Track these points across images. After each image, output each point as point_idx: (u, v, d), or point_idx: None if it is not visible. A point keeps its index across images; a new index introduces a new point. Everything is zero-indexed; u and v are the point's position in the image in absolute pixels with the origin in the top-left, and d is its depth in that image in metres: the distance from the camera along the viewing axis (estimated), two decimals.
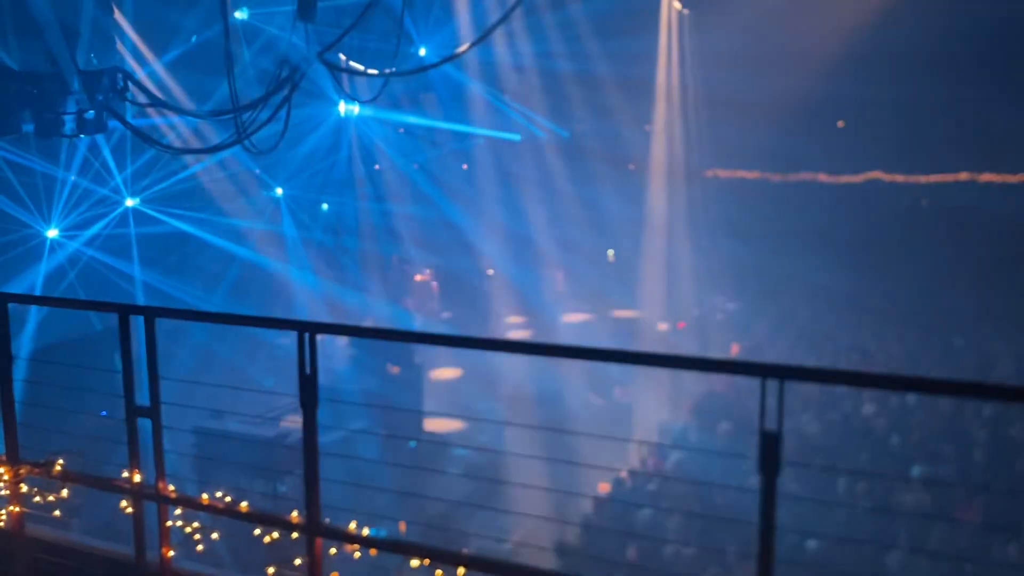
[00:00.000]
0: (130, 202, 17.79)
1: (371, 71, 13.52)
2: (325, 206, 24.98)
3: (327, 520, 4.99)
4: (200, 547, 5.74)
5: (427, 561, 4.82)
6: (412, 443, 15.42)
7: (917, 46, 22.34)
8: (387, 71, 12.56)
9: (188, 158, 17.45)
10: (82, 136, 12.54)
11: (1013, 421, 13.68)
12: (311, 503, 4.88)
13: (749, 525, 4.03)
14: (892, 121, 24.49)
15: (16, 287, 15.40)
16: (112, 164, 17.03)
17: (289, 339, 4.77)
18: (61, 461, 5.91)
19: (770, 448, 3.85)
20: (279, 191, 22.73)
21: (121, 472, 5.57)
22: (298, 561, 5.16)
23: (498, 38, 22.79)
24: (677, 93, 26.52)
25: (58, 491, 6.06)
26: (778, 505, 3.87)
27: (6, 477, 5.92)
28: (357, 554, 5.09)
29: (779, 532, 3.90)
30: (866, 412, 15.01)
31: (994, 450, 12.87)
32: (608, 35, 24.25)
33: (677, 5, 25.66)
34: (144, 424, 5.39)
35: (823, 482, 11.45)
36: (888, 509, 10.78)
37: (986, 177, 24.88)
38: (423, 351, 18.65)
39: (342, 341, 18.66)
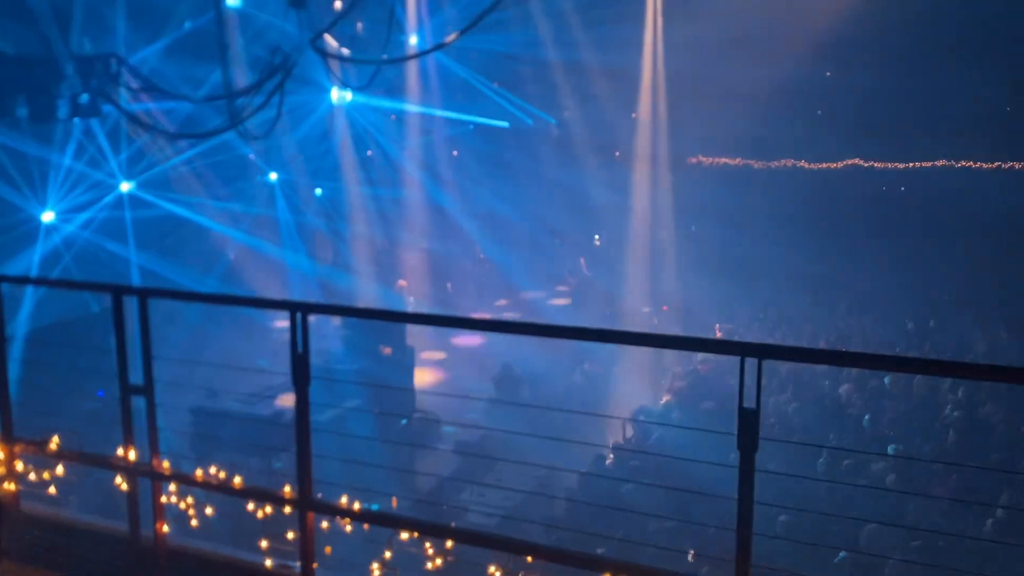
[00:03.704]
0: (125, 186, 17.82)
1: (362, 59, 13.57)
2: (319, 191, 25.04)
3: (319, 495, 5.09)
4: (194, 522, 5.83)
5: (416, 534, 4.92)
6: (404, 421, 15.56)
7: (894, 33, 22.51)
8: (378, 58, 12.62)
9: (182, 143, 17.48)
10: (76, 120, 12.58)
11: (985, 401, 13.90)
12: (303, 479, 4.98)
13: (729, 500, 4.14)
14: (871, 108, 24.68)
15: (11, 269, 15.43)
16: (107, 148, 17.06)
17: (283, 321, 4.86)
18: (56, 439, 5.97)
19: (749, 425, 3.94)
20: (273, 176, 22.78)
21: (116, 450, 5.64)
22: (291, 535, 5.25)
23: (488, 26, 22.82)
24: (662, 81, 26.64)
25: (53, 469, 6.11)
26: (756, 480, 3.98)
27: (1, 455, 5.98)
28: (349, 528, 5.19)
29: (757, 506, 4.01)
30: (842, 391, 15.24)
31: (967, 429, 13.08)
32: (594, 23, 24.34)
33: None
34: (139, 403, 5.46)
35: (800, 458, 11.64)
36: (863, 485, 10.96)
37: (963, 164, 25.07)
38: (414, 333, 18.78)
39: (335, 323, 18.78)
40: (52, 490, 6.15)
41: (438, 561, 4.90)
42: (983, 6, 22.14)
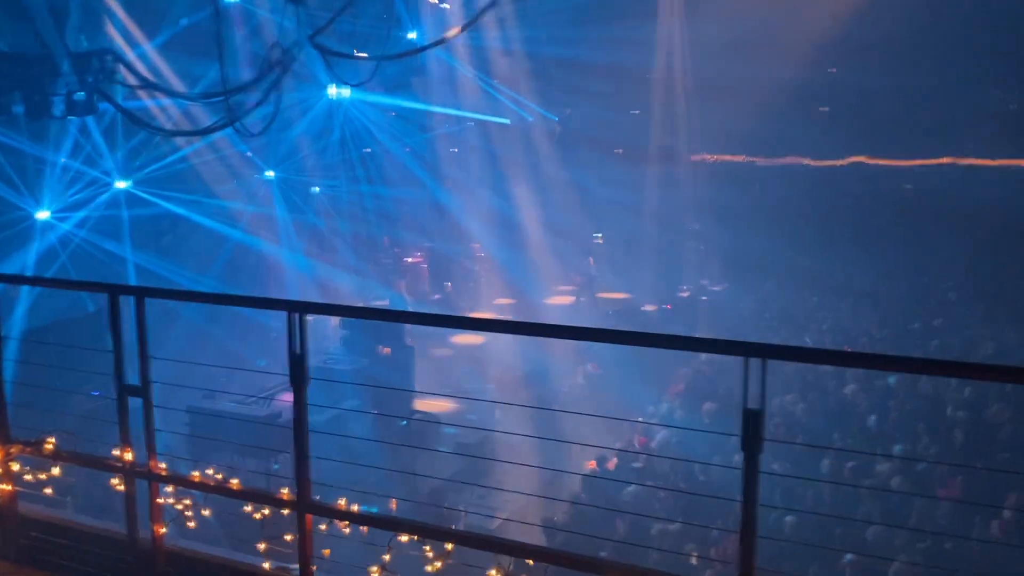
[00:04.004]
0: (121, 184, 17.77)
1: (361, 55, 13.54)
2: (316, 189, 24.98)
3: (317, 497, 5.05)
4: (192, 524, 5.80)
5: (416, 537, 4.89)
6: (403, 422, 15.50)
7: (900, 30, 22.47)
8: (377, 55, 12.59)
9: (179, 140, 17.43)
10: (72, 118, 12.53)
11: (992, 401, 13.82)
12: (301, 480, 4.95)
13: (733, 502, 4.11)
14: (876, 106, 24.65)
15: (7, 269, 15.38)
16: (103, 146, 17.00)
17: (281, 320, 4.82)
18: (52, 440, 5.94)
19: (752, 426, 3.91)
20: (271, 174, 22.72)
21: (113, 451, 5.62)
22: (289, 537, 5.22)
23: (488, 22, 22.81)
24: (665, 78, 26.61)
25: (50, 470, 6.09)
26: (760, 481, 3.94)
27: None
28: (348, 530, 5.16)
29: (761, 507, 3.97)
30: (847, 392, 15.18)
31: (973, 430, 13.02)
32: (597, 21, 24.29)
33: None
34: (136, 403, 5.43)
35: (805, 459, 11.60)
36: (868, 486, 10.92)
37: (968, 161, 25.03)
38: (414, 332, 18.74)
39: (334, 322, 18.73)
40: (49, 491, 6.12)
41: (438, 564, 4.86)
42: (990, 3, 22.11)
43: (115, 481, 5.68)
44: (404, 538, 4.93)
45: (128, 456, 5.55)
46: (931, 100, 23.54)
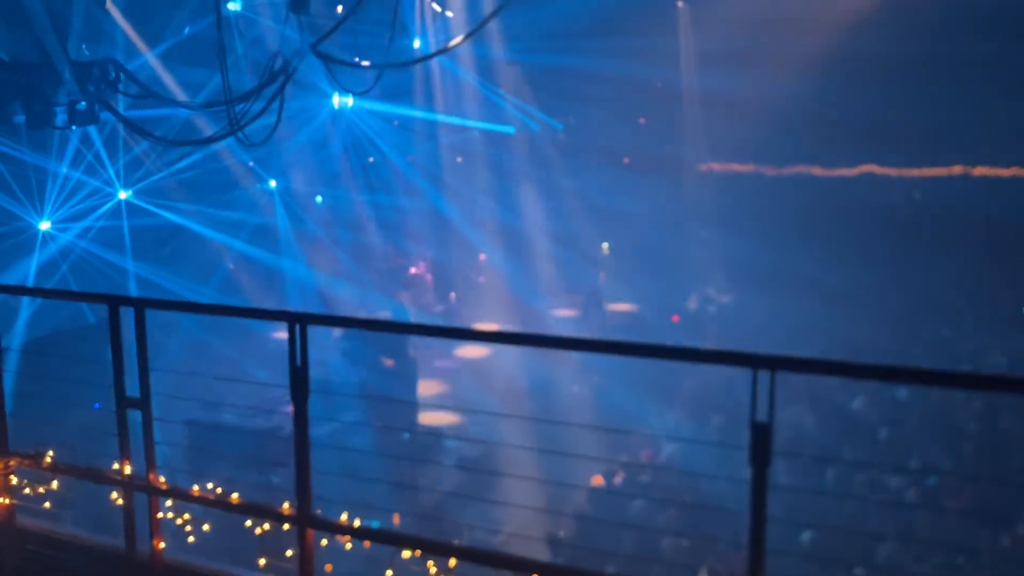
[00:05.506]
0: (123, 194, 17.77)
1: (364, 63, 13.51)
2: (319, 198, 24.97)
3: (318, 511, 4.99)
4: (191, 539, 5.74)
5: (419, 552, 4.82)
6: (406, 434, 15.43)
7: (910, 41, 22.41)
8: (381, 63, 12.56)
9: (181, 150, 17.42)
10: (73, 127, 12.50)
11: (1003, 413, 13.73)
12: (302, 494, 4.90)
13: (741, 516, 4.06)
14: (886, 115, 24.55)
15: (8, 279, 15.40)
16: (104, 156, 17.01)
17: (281, 332, 4.77)
18: (51, 452, 5.90)
19: (761, 439, 3.86)
20: (273, 183, 22.70)
21: (112, 464, 5.57)
22: (290, 552, 5.16)
23: (492, 31, 22.81)
24: (672, 87, 26.55)
25: (48, 483, 6.04)
26: (769, 496, 3.89)
27: None
28: (349, 545, 5.10)
29: (770, 522, 3.92)
30: (857, 404, 15.09)
31: (984, 442, 12.93)
32: (603, 31, 24.27)
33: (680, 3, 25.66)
34: (135, 416, 5.38)
35: (815, 473, 11.51)
36: (879, 500, 10.85)
37: (979, 171, 24.93)
38: (417, 344, 18.67)
39: (336, 334, 18.67)
40: (47, 505, 6.07)
41: None
42: (1001, 13, 22.05)
43: (114, 495, 5.64)
44: (406, 553, 4.86)
45: (127, 469, 5.50)
46: (942, 109, 23.42)
